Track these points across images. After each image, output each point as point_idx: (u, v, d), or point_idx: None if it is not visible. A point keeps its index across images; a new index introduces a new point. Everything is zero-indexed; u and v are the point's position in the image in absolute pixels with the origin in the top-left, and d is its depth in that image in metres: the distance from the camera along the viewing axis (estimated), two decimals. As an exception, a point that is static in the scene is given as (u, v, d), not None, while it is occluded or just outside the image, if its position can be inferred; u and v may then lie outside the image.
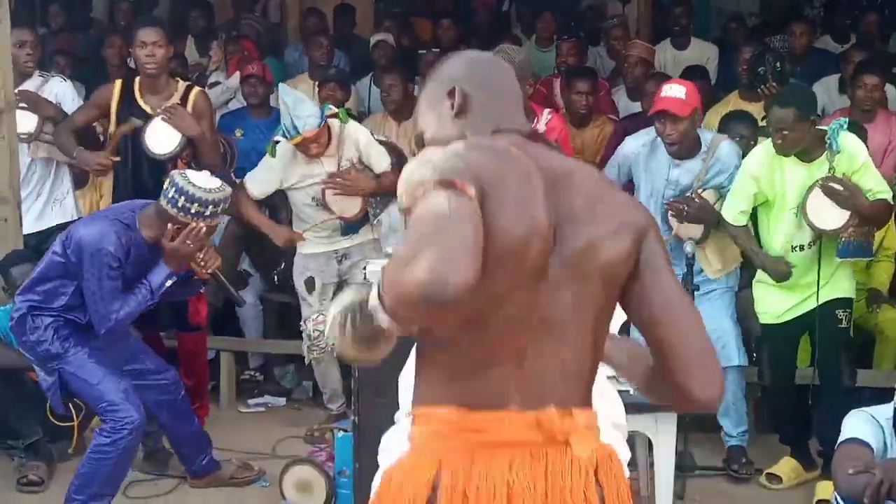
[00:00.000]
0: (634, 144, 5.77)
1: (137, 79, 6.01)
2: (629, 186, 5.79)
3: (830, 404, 5.19)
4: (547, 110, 5.82)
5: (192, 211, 4.81)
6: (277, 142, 6.00)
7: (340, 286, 6.24)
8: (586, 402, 2.38)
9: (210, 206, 4.84)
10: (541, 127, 5.66)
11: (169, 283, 4.92)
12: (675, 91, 5.47)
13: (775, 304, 5.37)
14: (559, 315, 2.32)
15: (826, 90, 7.33)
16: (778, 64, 6.65)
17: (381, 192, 6.13)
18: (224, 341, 6.74)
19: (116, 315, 4.87)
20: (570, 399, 2.35)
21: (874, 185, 5.19)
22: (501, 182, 2.24)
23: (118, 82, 6.09)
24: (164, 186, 4.92)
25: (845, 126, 5.23)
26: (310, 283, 6.20)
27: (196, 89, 6.07)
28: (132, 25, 6.62)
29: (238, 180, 6.24)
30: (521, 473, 2.29)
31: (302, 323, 6.22)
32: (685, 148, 5.52)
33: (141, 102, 5.96)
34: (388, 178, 6.09)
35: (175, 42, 8.70)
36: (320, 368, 6.28)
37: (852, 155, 5.17)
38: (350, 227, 6.14)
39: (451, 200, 2.17)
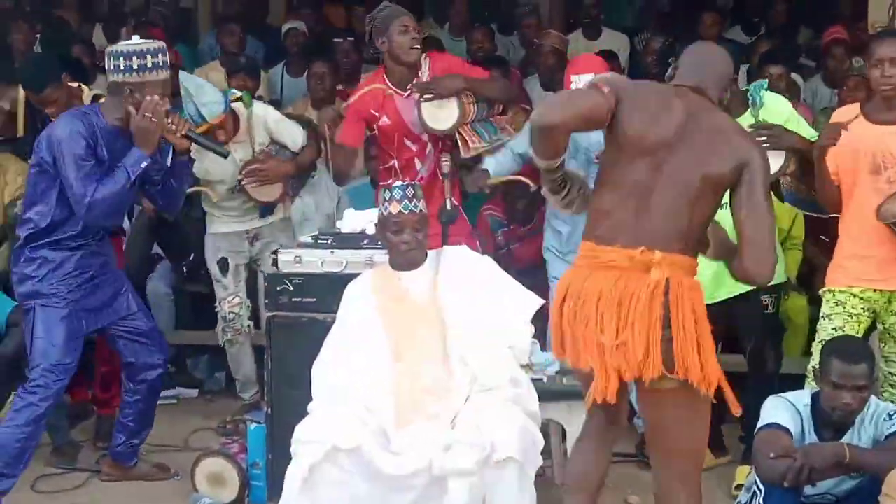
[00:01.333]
0: None
1: None
2: None
3: (755, 391, 5.22)
4: (424, 56, 5.61)
5: (134, 66, 4.76)
6: None
7: (251, 267, 6.21)
8: (673, 248, 3.62)
9: (148, 56, 4.77)
10: (424, 74, 5.53)
11: (144, 164, 4.82)
12: (584, 83, 5.40)
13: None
14: (661, 194, 3.62)
15: (735, 80, 7.41)
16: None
17: (300, 172, 6.08)
18: (135, 332, 6.63)
19: (91, 196, 4.76)
20: (657, 244, 3.60)
21: (807, 135, 5.12)
22: (638, 99, 3.71)
23: (22, 92, 5.93)
24: (105, 65, 4.89)
25: (766, 86, 5.24)
26: (223, 264, 6.15)
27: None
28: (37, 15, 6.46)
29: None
30: (610, 284, 3.59)
31: (217, 305, 6.16)
32: None
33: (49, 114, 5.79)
34: (305, 155, 6.05)
35: (83, 28, 8.61)
36: (233, 352, 6.23)
37: (777, 111, 5.14)
38: (265, 209, 6.09)
39: (588, 89, 3.76)
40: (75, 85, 5.80)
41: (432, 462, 4.13)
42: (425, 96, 5.43)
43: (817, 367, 4.51)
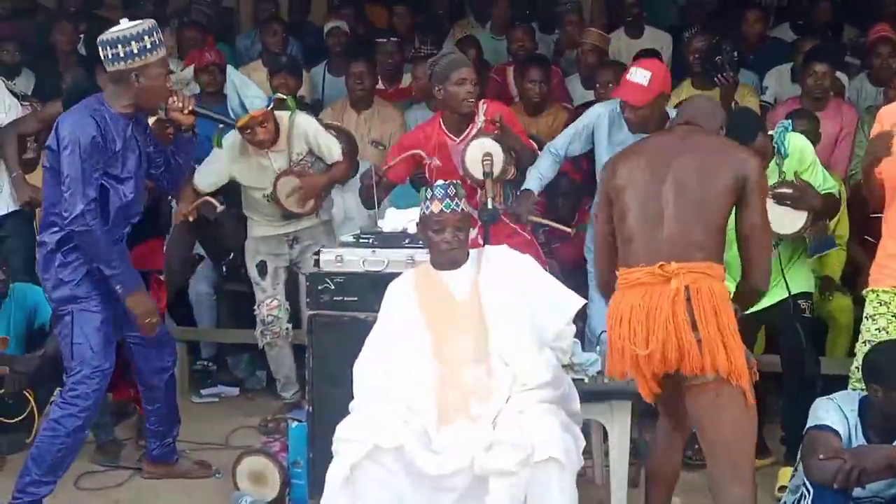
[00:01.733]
0: (601, 110, 5.72)
1: None
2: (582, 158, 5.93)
3: (794, 393, 5.21)
4: (482, 101, 5.68)
5: (134, 51, 4.74)
6: (225, 129, 5.92)
7: (291, 270, 6.23)
8: (692, 257, 3.93)
9: (145, 37, 4.75)
10: (479, 119, 5.55)
11: (117, 287, 4.83)
12: (638, 77, 5.41)
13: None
14: (670, 213, 3.98)
15: (778, 78, 7.37)
16: (735, 53, 6.65)
17: (332, 185, 6.09)
18: (178, 331, 6.68)
19: (88, 208, 4.69)
20: (673, 257, 3.92)
21: (821, 180, 5.23)
22: (628, 157, 4.20)
23: None
24: (101, 56, 4.83)
25: (790, 128, 5.24)
26: (262, 268, 6.18)
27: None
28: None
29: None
30: (638, 300, 3.93)
31: (255, 307, 6.18)
32: (647, 129, 5.47)
33: None
34: (338, 168, 6.06)
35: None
36: (273, 354, 6.26)
37: (801, 155, 5.18)
38: (290, 214, 6.09)
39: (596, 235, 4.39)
40: None
41: (474, 462, 4.14)
42: (486, 134, 5.44)
43: (860, 368, 4.49)
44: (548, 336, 4.53)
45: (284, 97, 5.98)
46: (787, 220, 5.12)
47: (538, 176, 5.71)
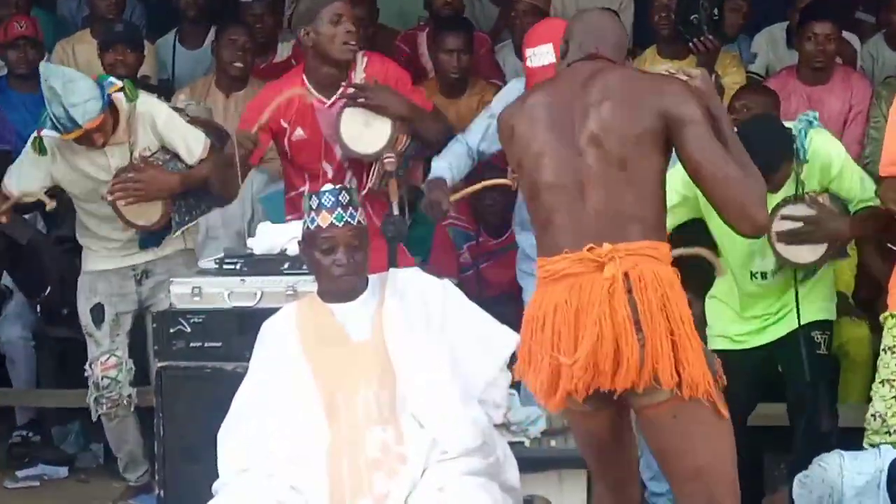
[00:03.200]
0: (519, 87, 5.67)
1: None
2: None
3: (805, 455, 5.22)
4: (361, 52, 5.65)
5: None
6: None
7: (140, 316, 6.13)
8: (627, 235, 3.90)
9: None
10: (358, 76, 5.56)
11: None
12: (540, 58, 5.41)
13: (734, 325, 5.40)
14: (590, 178, 3.95)
15: (771, 43, 7.46)
16: (715, 11, 6.70)
17: (190, 188, 5.99)
18: (-17, 393, 6.65)
19: None
20: (603, 236, 3.89)
21: (858, 191, 5.24)
22: (526, 112, 4.12)
23: None
24: None
25: (815, 122, 5.24)
26: (97, 313, 6.08)
27: None
28: None
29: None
30: (564, 296, 3.87)
31: (87, 367, 6.11)
32: None
33: None
34: (200, 169, 5.91)
35: None
36: (112, 426, 6.19)
37: (825, 161, 5.20)
38: (148, 239, 6.01)
39: None
40: None
41: (380, 557, 4.16)
42: (356, 101, 5.45)
43: (881, 414, 4.56)
44: (475, 387, 4.56)
45: (120, 84, 5.87)
46: (802, 247, 5.18)
47: (447, 165, 5.65)
